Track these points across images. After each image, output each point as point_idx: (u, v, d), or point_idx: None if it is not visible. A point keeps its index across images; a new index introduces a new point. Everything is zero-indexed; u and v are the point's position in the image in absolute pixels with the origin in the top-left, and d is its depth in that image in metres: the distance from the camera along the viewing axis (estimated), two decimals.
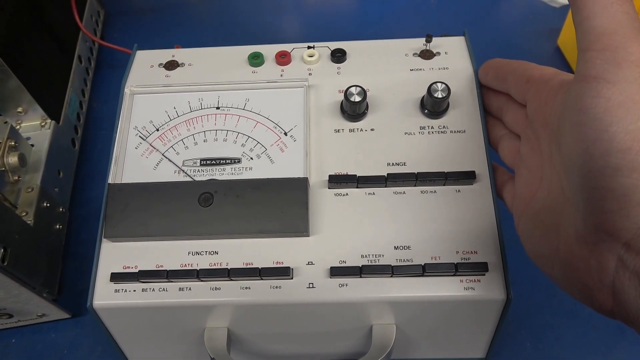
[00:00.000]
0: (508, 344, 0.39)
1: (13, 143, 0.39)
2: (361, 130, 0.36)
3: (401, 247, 0.32)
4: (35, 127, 0.45)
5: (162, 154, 0.35)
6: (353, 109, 0.35)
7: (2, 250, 0.34)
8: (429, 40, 0.39)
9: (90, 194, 0.49)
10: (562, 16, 0.56)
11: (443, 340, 0.36)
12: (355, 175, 0.34)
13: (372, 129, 0.36)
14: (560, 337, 0.39)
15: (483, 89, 0.36)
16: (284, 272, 0.31)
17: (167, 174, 0.35)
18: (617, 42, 0.22)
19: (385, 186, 0.34)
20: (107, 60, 0.59)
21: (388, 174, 0.33)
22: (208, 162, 0.35)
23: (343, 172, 0.34)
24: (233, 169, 0.35)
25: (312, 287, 0.31)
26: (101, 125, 0.54)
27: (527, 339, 0.40)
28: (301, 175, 0.34)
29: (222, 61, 0.40)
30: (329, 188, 0.34)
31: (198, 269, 0.32)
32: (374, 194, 0.34)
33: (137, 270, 0.32)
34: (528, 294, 0.41)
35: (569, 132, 0.24)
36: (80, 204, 0.48)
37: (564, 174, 0.26)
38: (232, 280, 0.32)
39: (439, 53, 0.39)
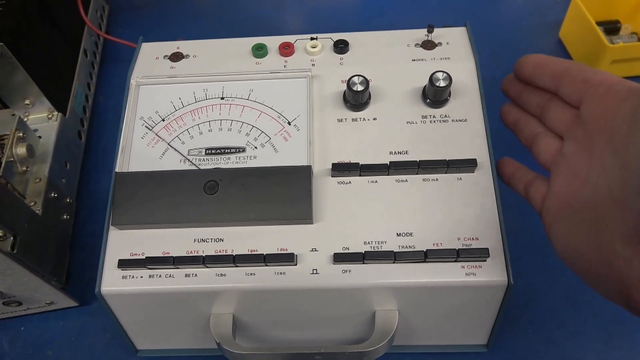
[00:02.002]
0: (509, 331, 0.40)
1: (21, 134, 0.40)
2: (364, 119, 0.36)
3: (403, 234, 0.32)
4: (42, 120, 0.45)
5: (168, 144, 0.36)
6: (356, 98, 0.36)
7: (12, 238, 0.35)
8: (430, 31, 0.39)
9: (96, 186, 0.50)
10: (564, 9, 0.57)
11: (445, 326, 0.36)
12: (358, 163, 0.34)
13: (374, 118, 0.36)
14: (561, 324, 0.40)
15: (518, 85, 0.35)
16: (288, 259, 0.32)
17: (172, 163, 0.35)
18: None
19: (388, 174, 0.34)
20: (111, 54, 0.60)
21: (390, 162, 0.34)
22: (213, 151, 0.35)
23: (346, 160, 0.35)
24: (238, 158, 0.35)
25: (316, 273, 0.32)
26: (106, 118, 0.54)
27: (528, 326, 0.40)
28: (305, 164, 0.34)
29: (226, 53, 0.40)
30: (332, 176, 0.34)
31: (204, 255, 0.32)
32: (376, 182, 0.34)
33: (144, 257, 0.33)
34: (529, 282, 0.41)
35: None
36: (86, 195, 0.49)
37: (616, 177, 0.26)
38: (237, 266, 0.32)
39: (440, 43, 0.39)
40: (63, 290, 0.40)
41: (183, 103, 0.38)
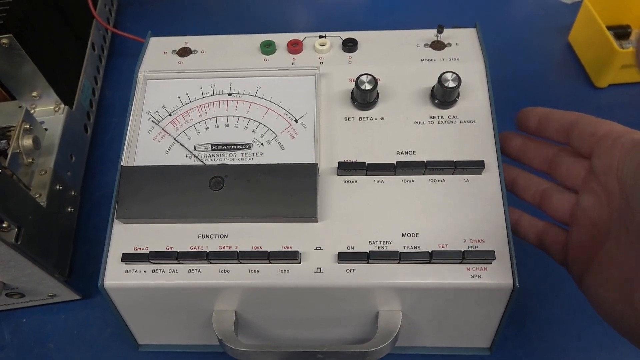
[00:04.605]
0: (513, 335, 0.39)
1: (28, 126, 0.40)
2: (371, 118, 0.36)
3: (409, 235, 0.32)
4: (49, 112, 0.45)
5: (174, 139, 0.36)
6: (364, 97, 0.36)
7: (16, 230, 0.35)
8: (440, 31, 0.39)
9: (101, 180, 0.49)
10: (573, 12, 0.56)
11: (448, 328, 0.36)
12: (365, 162, 0.34)
13: (382, 118, 0.36)
14: (566, 330, 0.40)
15: (518, 141, 0.36)
16: (292, 256, 0.31)
17: (178, 158, 0.35)
18: None
19: (394, 174, 0.34)
20: (119, 48, 0.60)
21: (397, 162, 0.34)
22: (219, 147, 0.35)
23: (352, 159, 0.35)
24: (244, 154, 0.35)
25: (320, 271, 0.32)
26: (112, 112, 0.54)
27: (532, 330, 0.40)
28: (311, 162, 0.34)
29: (235, 49, 0.40)
30: (338, 175, 0.34)
31: (208, 251, 0.32)
32: (383, 181, 0.34)
33: (147, 252, 0.32)
34: (534, 286, 0.41)
35: None
36: (91, 188, 0.49)
37: (636, 230, 0.26)
38: (241, 263, 0.32)
39: (450, 44, 0.39)
40: (66, 283, 0.40)
41: (190, 98, 0.37)
